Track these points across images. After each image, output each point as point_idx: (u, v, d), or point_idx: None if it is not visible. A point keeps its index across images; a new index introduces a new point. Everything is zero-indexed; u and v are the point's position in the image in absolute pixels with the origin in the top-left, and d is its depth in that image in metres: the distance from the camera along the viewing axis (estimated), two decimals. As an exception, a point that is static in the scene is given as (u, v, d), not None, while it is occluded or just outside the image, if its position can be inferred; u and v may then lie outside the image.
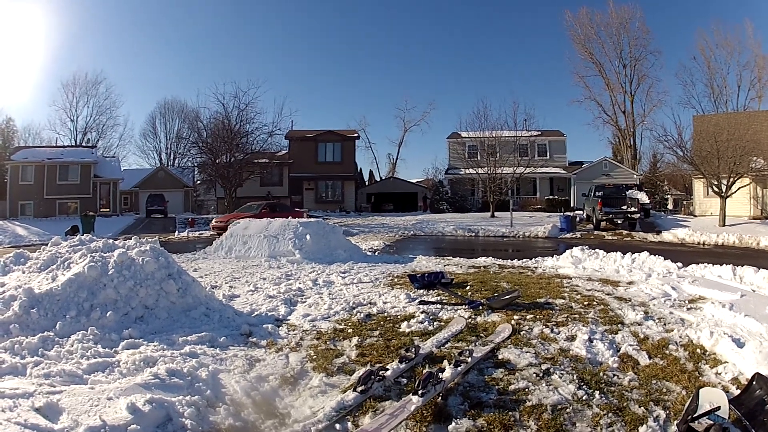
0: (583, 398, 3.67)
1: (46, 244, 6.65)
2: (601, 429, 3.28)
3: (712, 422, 2.98)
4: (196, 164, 37.90)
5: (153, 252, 6.15)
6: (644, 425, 3.28)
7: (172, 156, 57.53)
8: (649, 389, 3.85)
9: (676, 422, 3.24)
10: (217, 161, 32.79)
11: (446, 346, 4.93)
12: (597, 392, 3.76)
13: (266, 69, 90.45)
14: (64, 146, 43.58)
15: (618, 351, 4.67)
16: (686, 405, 3.35)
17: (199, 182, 41.88)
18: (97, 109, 54.46)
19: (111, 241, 6.63)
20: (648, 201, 23.43)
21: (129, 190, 43.13)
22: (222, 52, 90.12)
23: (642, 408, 3.51)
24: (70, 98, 53.21)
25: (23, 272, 6.11)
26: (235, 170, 32.61)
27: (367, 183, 52.85)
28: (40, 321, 5.01)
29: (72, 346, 4.61)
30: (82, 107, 53.78)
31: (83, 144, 48.01)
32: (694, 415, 3.08)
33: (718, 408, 3.11)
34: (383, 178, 55.40)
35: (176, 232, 26.95)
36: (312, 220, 16.01)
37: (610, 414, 3.44)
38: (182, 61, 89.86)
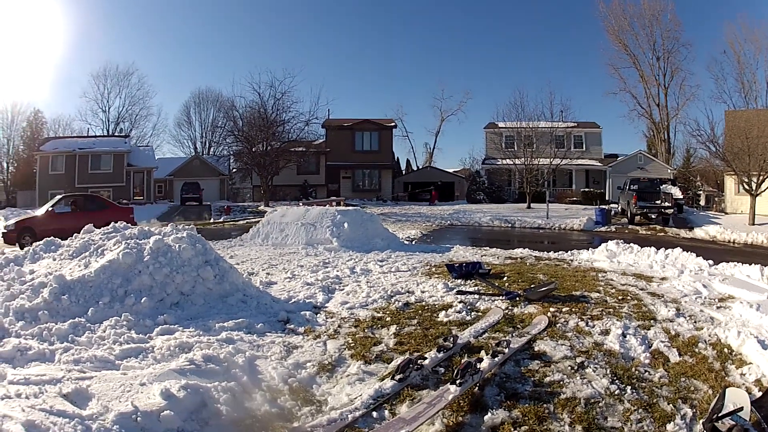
0: (616, 393, 3.77)
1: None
2: (631, 424, 3.38)
3: (734, 423, 3.06)
4: (231, 153, 38.20)
5: (190, 239, 6.23)
6: (672, 422, 3.37)
7: (207, 145, 57.93)
8: (678, 387, 3.93)
9: (702, 421, 3.32)
10: (253, 150, 32.93)
11: (483, 336, 5.04)
12: (629, 387, 3.86)
13: (301, 59, 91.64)
14: (95, 136, 44.08)
15: (650, 347, 4.74)
16: (712, 404, 3.42)
17: (234, 170, 42.20)
18: (130, 100, 55.06)
19: (146, 228, 6.76)
20: (681, 196, 22.70)
21: (163, 179, 43.89)
22: (256, 43, 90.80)
23: (671, 405, 3.60)
24: (101, 89, 53.83)
25: (54, 259, 6.26)
26: (271, 159, 32.74)
27: (404, 172, 52.65)
28: (71, 307, 5.11)
29: (104, 332, 4.68)
30: (114, 98, 54.42)
31: (116, 134, 48.44)
32: (719, 414, 3.16)
33: (741, 409, 3.17)
34: (420, 167, 55.11)
35: (212, 219, 27.68)
36: (349, 208, 16.15)
37: (640, 410, 3.54)
38: (216, 52, 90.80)
